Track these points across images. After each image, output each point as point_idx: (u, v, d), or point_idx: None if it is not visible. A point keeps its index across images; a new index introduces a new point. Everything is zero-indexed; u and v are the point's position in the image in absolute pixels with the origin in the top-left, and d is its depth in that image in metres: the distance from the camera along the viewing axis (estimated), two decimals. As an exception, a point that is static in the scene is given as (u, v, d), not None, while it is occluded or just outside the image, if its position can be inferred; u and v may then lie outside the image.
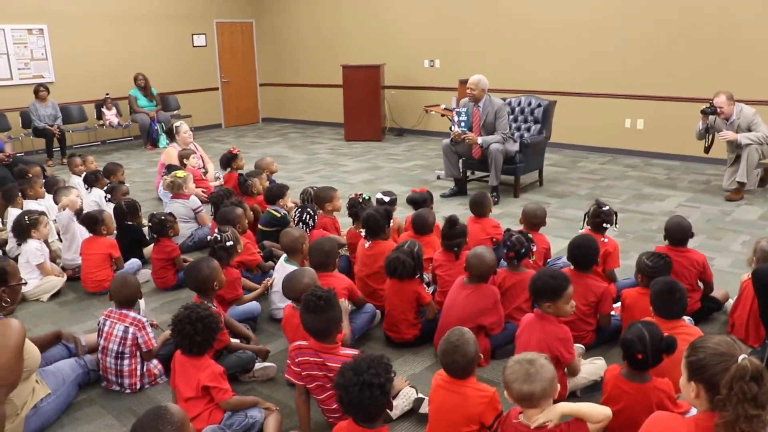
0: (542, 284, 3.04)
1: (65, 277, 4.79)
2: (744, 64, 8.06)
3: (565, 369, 3.05)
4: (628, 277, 4.30)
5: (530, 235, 3.70)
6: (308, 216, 4.52)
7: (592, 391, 3.16)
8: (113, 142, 11.41)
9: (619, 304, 3.76)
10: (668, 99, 8.74)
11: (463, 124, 6.92)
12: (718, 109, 6.72)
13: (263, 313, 4.15)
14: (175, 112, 11.73)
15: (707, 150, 7.00)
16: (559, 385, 2.35)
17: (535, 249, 3.72)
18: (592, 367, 3.21)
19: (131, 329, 3.28)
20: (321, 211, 4.92)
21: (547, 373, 2.27)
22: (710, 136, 6.95)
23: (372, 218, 4.10)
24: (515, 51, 10.01)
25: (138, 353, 3.31)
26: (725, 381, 1.83)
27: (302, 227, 4.51)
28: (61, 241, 5.21)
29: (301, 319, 2.84)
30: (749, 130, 6.66)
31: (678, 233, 3.96)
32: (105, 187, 5.93)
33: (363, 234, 4.14)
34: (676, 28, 8.50)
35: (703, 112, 6.81)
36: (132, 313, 3.33)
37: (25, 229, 4.64)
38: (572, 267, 3.67)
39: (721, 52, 8.21)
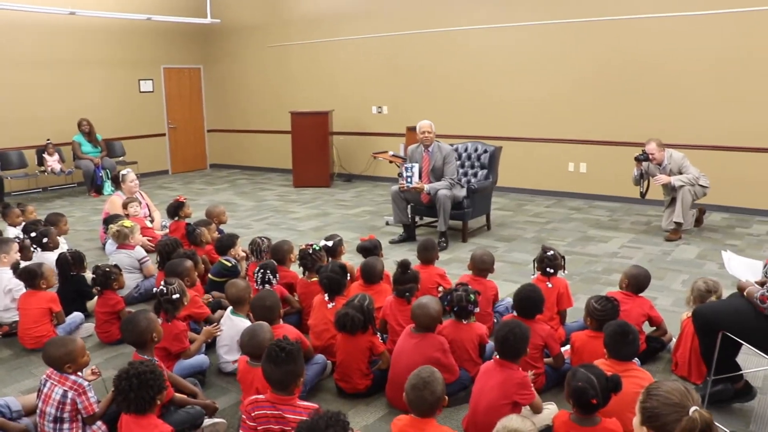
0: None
1: None
2: (671, 111, 8.46)
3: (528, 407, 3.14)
4: (576, 320, 4.39)
5: (473, 297, 3.70)
6: (269, 276, 4.39)
7: (544, 437, 3.18)
8: (55, 189, 11.14)
9: (568, 347, 3.83)
10: (608, 143, 9.07)
11: (409, 179, 7.00)
12: (650, 156, 7.02)
13: (212, 367, 4.06)
14: (121, 158, 11.55)
15: (643, 195, 7.31)
16: None
17: (476, 311, 3.74)
18: (544, 413, 3.24)
19: (70, 394, 3.09)
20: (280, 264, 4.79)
21: None
22: (645, 182, 7.24)
23: (332, 280, 4.08)
24: (461, 98, 10.25)
25: (79, 417, 3.15)
26: None
27: (265, 288, 4.34)
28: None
29: (263, 369, 2.85)
30: (680, 173, 6.97)
31: (644, 283, 4.13)
32: (34, 235, 5.55)
33: (326, 297, 4.10)
34: (613, 77, 8.88)
35: (636, 159, 7.14)
36: (72, 377, 3.15)
37: None
38: (516, 314, 3.73)
39: (651, 101, 8.61)
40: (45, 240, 5.50)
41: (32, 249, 5.46)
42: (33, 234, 5.57)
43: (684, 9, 8.22)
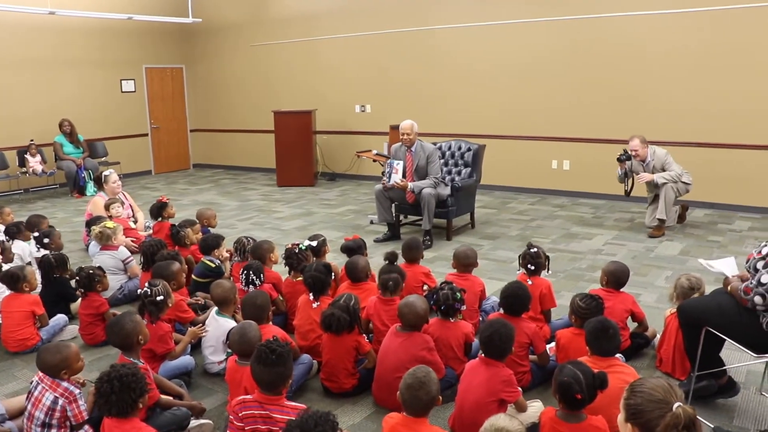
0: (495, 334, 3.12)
1: None
2: (654, 108, 8.54)
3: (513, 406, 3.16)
4: (560, 317, 4.42)
5: (460, 295, 3.71)
6: (254, 277, 4.36)
7: (530, 434, 3.20)
8: (37, 190, 11.01)
9: (553, 344, 3.85)
10: (591, 141, 9.12)
11: (389, 176, 6.99)
12: (633, 152, 7.08)
13: (197, 367, 4.04)
14: (103, 158, 11.46)
15: (628, 193, 7.35)
16: None
17: (463, 309, 3.76)
18: (530, 410, 3.25)
19: (61, 401, 3.05)
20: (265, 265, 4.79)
21: None
22: (630, 180, 7.29)
23: (317, 280, 4.07)
24: (444, 96, 10.27)
25: (68, 423, 3.10)
26: (660, 429, 1.91)
27: (251, 288, 4.31)
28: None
29: (252, 369, 2.86)
30: (663, 169, 7.03)
31: (623, 278, 4.16)
32: (36, 234, 5.63)
33: (311, 296, 4.09)
34: (595, 76, 8.94)
35: (619, 159, 7.19)
36: (65, 383, 3.10)
37: None
38: (502, 312, 3.75)
39: (634, 98, 8.68)
40: (46, 241, 5.52)
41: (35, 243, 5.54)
42: (36, 234, 5.61)
43: (666, 6, 8.29)
